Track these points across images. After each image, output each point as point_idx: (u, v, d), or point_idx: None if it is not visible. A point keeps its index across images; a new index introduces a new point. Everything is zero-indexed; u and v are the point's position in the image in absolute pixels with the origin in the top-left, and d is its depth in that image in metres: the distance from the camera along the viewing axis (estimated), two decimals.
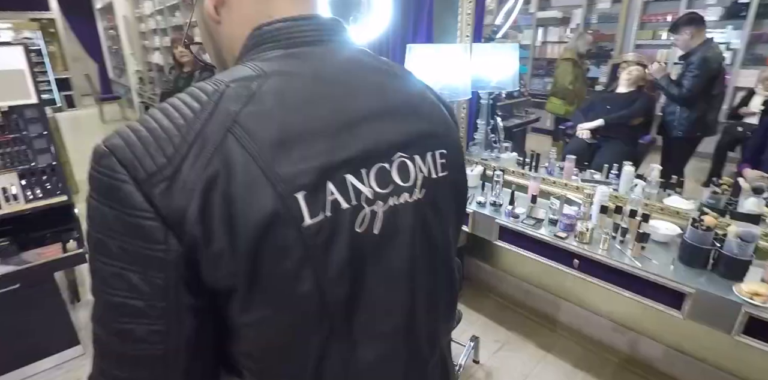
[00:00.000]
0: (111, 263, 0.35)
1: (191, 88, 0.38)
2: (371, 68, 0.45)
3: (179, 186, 0.34)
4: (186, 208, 0.34)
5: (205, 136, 0.35)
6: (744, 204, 1.54)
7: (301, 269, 0.37)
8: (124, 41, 6.69)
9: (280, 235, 0.36)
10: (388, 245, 0.42)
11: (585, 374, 1.79)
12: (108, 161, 0.34)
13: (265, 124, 0.36)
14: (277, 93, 0.38)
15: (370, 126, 0.41)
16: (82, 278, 2.35)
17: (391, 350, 0.45)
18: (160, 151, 0.34)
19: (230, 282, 0.36)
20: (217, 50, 0.48)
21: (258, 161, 0.35)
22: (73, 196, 1.74)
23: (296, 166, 0.36)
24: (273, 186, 0.35)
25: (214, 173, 0.34)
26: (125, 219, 0.34)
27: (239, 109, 0.36)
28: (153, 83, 6.38)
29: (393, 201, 0.41)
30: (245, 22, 0.43)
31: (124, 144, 0.35)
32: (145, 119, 0.36)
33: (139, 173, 0.34)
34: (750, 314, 1.14)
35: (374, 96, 0.43)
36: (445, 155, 0.46)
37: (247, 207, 0.34)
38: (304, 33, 0.42)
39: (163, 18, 5.21)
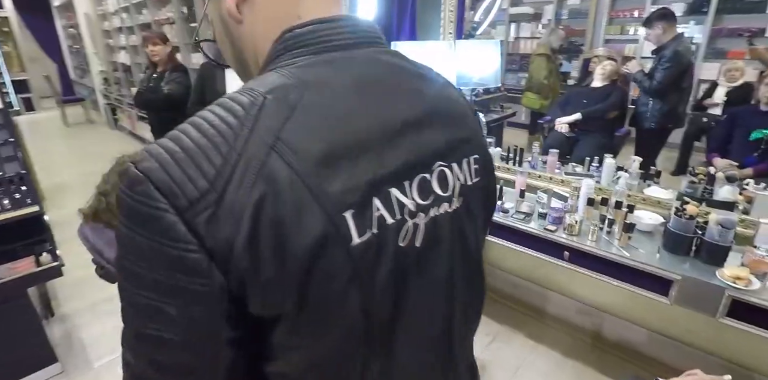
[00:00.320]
0: (146, 295, 0.32)
1: (223, 100, 0.35)
2: (407, 73, 0.43)
3: (225, 213, 0.31)
4: (233, 238, 0.31)
5: (248, 154, 0.32)
6: (719, 193, 1.61)
7: (349, 289, 0.35)
8: (87, 40, 6.37)
9: (330, 258, 0.34)
10: (429, 257, 0.41)
11: (574, 362, 1.84)
12: (144, 188, 0.31)
13: (309, 140, 0.33)
14: (318, 105, 0.35)
15: (411, 135, 0.39)
16: (54, 291, 2.24)
17: (430, 360, 0.45)
18: (201, 174, 0.31)
19: (276, 311, 0.34)
20: (236, 51, 0.44)
21: (305, 180, 0.32)
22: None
23: (344, 183, 0.34)
24: (321, 206, 0.33)
25: (260, 196, 0.31)
26: (165, 252, 0.31)
27: (281, 124, 0.33)
28: (119, 84, 6.11)
29: (434, 212, 0.40)
30: (271, 23, 0.40)
31: (159, 167, 0.31)
32: (178, 137, 0.33)
33: (180, 201, 0.30)
34: (733, 297, 1.19)
35: (413, 103, 0.41)
36: (478, 160, 0.46)
37: (296, 232, 0.32)
38: (339, 36, 0.39)
39: (129, 16, 4.99)
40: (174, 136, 0.33)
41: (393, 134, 0.38)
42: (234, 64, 0.47)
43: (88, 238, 0.63)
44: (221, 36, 0.45)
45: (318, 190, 0.33)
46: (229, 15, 0.41)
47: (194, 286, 0.31)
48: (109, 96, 6.25)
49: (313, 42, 0.38)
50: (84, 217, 0.67)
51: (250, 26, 0.41)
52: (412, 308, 0.40)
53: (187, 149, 0.32)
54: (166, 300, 0.32)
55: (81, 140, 5.95)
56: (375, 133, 0.37)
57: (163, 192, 0.31)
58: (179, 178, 0.31)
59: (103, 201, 0.65)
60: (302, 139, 0.33)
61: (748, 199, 1.60)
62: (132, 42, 5.16)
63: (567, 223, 1.54)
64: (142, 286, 0.32)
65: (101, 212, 0.65)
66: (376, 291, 0.37)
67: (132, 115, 5.42)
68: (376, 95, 0.39)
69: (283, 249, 0.32)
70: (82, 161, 4.84)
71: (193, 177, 0.31)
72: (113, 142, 5.72)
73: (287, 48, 0.39)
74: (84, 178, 4.16)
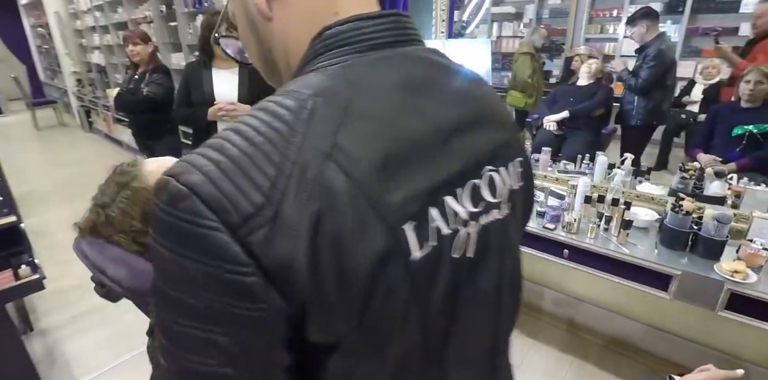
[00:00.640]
0: (195, 326, 0.29)
1: (265, 103, 0.32)
2: (453, 72, 0.41)
3: (282, 230, 0.27)
4: (292, 257, 0.27)
5: (303, 164, 0.28)
6: (710, 188, 1.65)
7: (408, 308, 0.33)
8: (57, 40, 6.11)
9: (391, 275, 0.31)
10: (480, 268, 0.39)
11: (573, 358, 1.86)
12: (189, 204, 0.27)
13: (367, 147, 0.31)
14: (370, 107, 0.32)
15: (462, 139, 0.37)
16: (32, 304, 2.12)
17: (480, 371, 0.43)
18: (254, 186, 0.27)
19: (335, 336, 0.31)
20: (264, 50, 0.40)
21: (365, 191, 0.29)
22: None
23: (403, 193, 0.31)
24: (382, 218, 0.30)
25: (317, 210, 0.28)
26: (217, 276, 0.27)
27: (336, 130, 0.30)
28: (94, 85, 5.89)
29: (484, 220, 0.38)
30: (305, 20, 0.37)
31: (206, 180, 0.27)
32: (221, 146, 0.29)
33: (232, 217, 0.27)
34: (732, 290, 1.22)
35: (461, 104, 0.39)
36: (522, 163, 0.44)
37: (357, 248, 0.29)
38: (383, 33, 0.36)
39: (102, 14, 4.80)
40: (216, 144, 0.29)
41: (445, 138, 0.36)
42: (260, 64, 0.43)
43: (87, 255, 0.58)
44: (246, 33, 0.41)
45: (378, 201, 0.30)
46: (258, 11, 0.38)
47: (251, 312, 0.28)
48: (83, 98, 6.01)
49: (356, 40, 0.35)
50: (80, 232, 0.61)
51: (281, 24, 0.38)
52: (463, 321, 0.38)
53: (235, 159, 0.28)
54: (219, 330, 0.28)
55: (53, 144, 5.72)
56: (428, 136, 0.34)
57: (213, 208, 0.27)
58: (230, 192, 0.27)
59: (102, 214, 0.60)
60: (359, 145, 0.30)
61: (737, 194, 1.64)
62: (106, 42, 4.97)
63: (565, 221, 1.54)
64: (190, 316, 0.29)
65: (100, 226, 0.60)
66: (433, 307, 0.34)
67: (108, 118, 5.23)
68: (426, 96, 0.36)
69: (345, 268, 0.29)
70: (56, 166, 4.64)
71: (245, 190, 0.27)
72: (88, 145, 5.53)
73: (328, 46, 0.35)
74: (58, 184, 3.98)
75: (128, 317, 0.67)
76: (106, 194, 0.60)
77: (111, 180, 0.62)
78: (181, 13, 3.33)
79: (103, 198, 0.60)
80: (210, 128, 1.98)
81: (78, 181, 4.02)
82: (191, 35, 3.35)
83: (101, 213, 0.59)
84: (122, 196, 0.60)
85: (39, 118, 6.38)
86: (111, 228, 0.59)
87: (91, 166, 4.54)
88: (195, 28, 3.28)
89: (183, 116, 2.03)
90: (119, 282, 0.54)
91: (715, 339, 1.63)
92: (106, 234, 0.59)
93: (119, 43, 4.51)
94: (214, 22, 1.85)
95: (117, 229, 0.59)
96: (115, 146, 5.29)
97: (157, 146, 2.49)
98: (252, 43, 0.41)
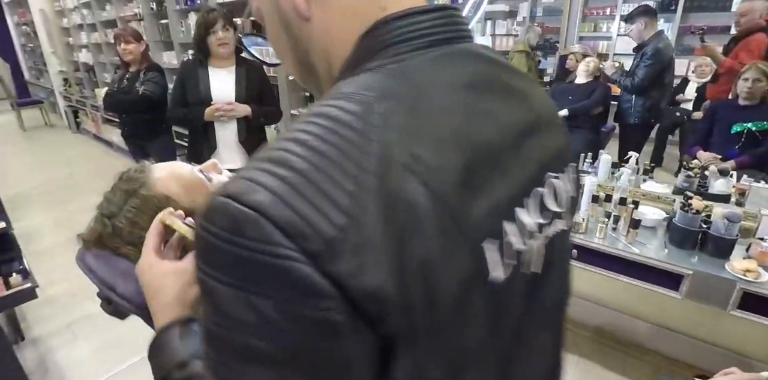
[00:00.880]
0: (269, 375, 0.25)
1: (322, 109, 0.28)
2: (510, 70, 0.37)
3: (369, 255, 0.23)
4: (381, 286, 0.24)
5: (382, 177, 0.25)
6: (714, 186, 1.64)
7: (484, 332, 0.30)
8: (43, 38, 5.95)
9: (472, 299, 0.28)
10: (545, 283, 0.36)
11: (579, 358, 1.85)
12: (258, 229, 0.23)
13: (444, 155, 0.27)
14: (441, 110, 0.29)
15: (530, 143, 0.34)
16: (23, 313, 2.04)
17: None
18: (333, 204, 0.23)
19: (421, 370, 0.28)
20: (301, 53, 0.36)
21: (447, 206, 0.26)
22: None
23: (483, 207, 0.28)
24: (465, 236, 0.27)
25: (401, 229, 0.24)
26: (298, 314, 0.23)
27: (410, 137, 0.27)
28: (81, 84, 5.75)
29: (549, 232, 0.35)
30: (349, 17, 0.33)
31: (276, 199, 0.23)
32: (283, 158, 0.25)
33: (312, 243, 0.23)
34: (744, 290, 1.21)
35: (525, 105, 0.36)
36: (574, 169, 0.41)
37: (445, 271, 0.26)
38: (440, 28, 0.32)
39: (90, 12, 4.68)
40: (276, 157, 0.25)
41: (516, 142, 0.32)
42: (295, 67, 0.38)
43: (93, 269, 0.53)
44: (278, 35, 0.36)
45: (461, 217, 0.27)
46: (296, 10, 0.33)
47: (338, 352, 0.24)
48: (71, 97, 5.86)
49: (415, 36, 0.31)
50: (85, 243, 0.56)
51: (321, 23, 0.33)
52: (529, 343, 0.35)
53: (304, 173, 0.24)
54: (299, 376, 0.24)
55: (40, 145, 5.58)
56: (501, 141, 0.31)
57: (288, 233, 0.23)
58: (306, 212, 0.23)
59: (108, 224, 0.55)
60: (436, 153, 0.27)
61: (741, 191, 1.64)
62: (94, 40, 4.85)
63: (573, 221, 1.53)
64: (262, 363, 0.24)
65: (106, 237, 0.55)
66: (505, 330, 0.32)
67: (97, 118, 5.10)
68: (493, 97, 0.33)
69: (434, 294, 0.25)
70: (43, 168, 4.52)
71: (323, 209, 0.23)
72: (76, 146, 5.41)
73: (383, 43, 0.31)
74: (45, 186, 3.88)
75: (122, 325, 0.64)
76: (113, 203, 0.55)
77: (117, 187, 0.57)
78: (172, 10, 3.26)
79: (109, 208, 0.55)
80: (207, 129, 1.92)
81: (66, 183, 3.91)
82: (183, 33, 3.28)
83: (107, 223, 0.54)
84: (130, 205, 0.55)
85: (25, 118, 6.22)
86: (118, 239, 0.54)
87: (80, 168, 4.43)
88: (187, 25, 3.20)
89: (179, 117, 1.97)
90: (130, 299, 0.50)
91: (726, 338, 1.62)
92: (113, 246, 0.54)
93: (108, 41, 4.40)
94: (210, 19, 1.80)
95: (125, 241, 0.54)
96: (104, 147, 5.18)
97: (151, 147, 2.43)
98: (285, 46, 0.37)
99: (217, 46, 1.83)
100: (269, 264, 0.23)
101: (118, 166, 0.61)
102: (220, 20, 1.80)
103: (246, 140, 1.96)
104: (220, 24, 1.80)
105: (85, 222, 0.58)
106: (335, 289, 0.23)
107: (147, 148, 2.44)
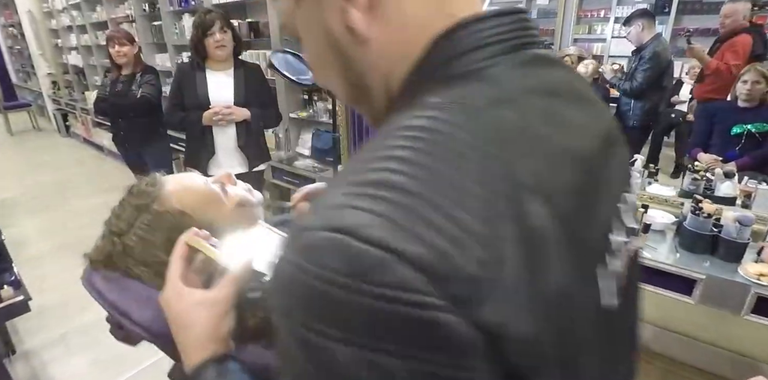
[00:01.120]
0: None
1: (416, 120, 0.24)
2: (580, 77, 0.35)
3: (514, 294, 0.20)
4: (528, 332, 0.20)
5: (508, 197, 0.21)
6: (720, 188, 1.64)
7: (598, 360, 0.27)
8: (31, 40, 5.83)
9: (596, 327, 0.26)
10: (628, 304, 0.34)
11: None
12: (391, 273, 0.18)
13: (559, 172, 0.24)
14: (541, 122, 0.26)
15: (611, 155, 0.31)
16: (14, 325, 1.97)
17: None
18: (465, 232, 0.19)
19: None
20: (352, 76, 0.31)
21: (570, 229, 0.23)
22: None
23: (593, 228, 0.26)
24: (586, 261, 0.25)
25: (536, 259, 0.21)
26: (434, 375, 0.19)
27: (525, 150, 0.23)
28: (71, 87, 5.64)
29: (629, 249, 0.33)
30: (412, 29, 0.28)
31: (404, 232, 0.19)
32: (389, 180, 0.21)
33: (455, 285, 0.19)
34: (759, 294, 1.19)
35: (600, 115, 0.33)
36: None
37: (578, 303, 0.23)
38: (516, 32, 0.29)
39: (80, 13, 4.59)
40: (383, 180, 0.21)
41: (600, 155, 0.30)
42: (344, 90, 0.33)
43: (103, 293, 0.48)
44: (323, 56, 0.32)
45: (581, 240, 0.24)
46: (350, 32, 0.28)
47: None
48: (60, 101, 5.75)
49: (498, 39, 0.28)
50: (92, 263, 0.52)
51: (381, 43, 0.29)
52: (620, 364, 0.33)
53: (424, 196, 0.20)
54: None
55: (28, 149, 5.45)
56: (590, 155, 0.28)
57: (428, 274, 0.18)
58: (442, 246, 0.19)
59: (118, 243, 0.50)
60: (552, 169, 0.24)
61: (746, 194, 1.64)
62: (84, 42, 4.76)
63: None
64: None
65: (117, 257, 0.50)
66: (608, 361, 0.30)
67: (87, 121, 5.00)
68: (575, 106, 0.30)
69: (572, 330, 0.23)
70: (32, 172, 4.41)
71: (459, 240, 0.19)
72: (65, 150, 5.30)
73: (463, 49, 0.27)
74: (35, 191, 3.78)
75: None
76: (122, 219, 0.51)
77: (127, 202, 0.52)
78: (166, 11, 3.20)
79: (118, 224, 0.51)
80: (205, 133, 1.88)
81: (55, 188, 3.81)
82: (177, 35, 3.22)
83: (117, 242, 0.50)
84: (142, 222, 0.50)
85: (12, 122, 6.08)
86: (130, 259, 0.49)
87: (70, 172, 4.33)
88: (181, 27, 3.15)
89: (176, 121, 1.92)
90: (148, 327, 0.45)
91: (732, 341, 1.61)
92: (124, 267, 0.50)
93: (99, 43, 4.32)
94: (207, 20, 1.76)
95: (137, 261, 0.50)
96: (94, 151, 5.07)
97: (147, 152, 2.36)
98: (332, 68, 0.32)
99: (214, 49, 1.78)
100: (407, 316, 0.18)
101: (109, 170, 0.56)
102: (218, 22, 1.75)
103: (245, 145, 1.92)
104: (218, 25, 1.75)
105: (76, 229, 0.53)
106: (484, 343, 0.19)
107: (143, 153, 2.37)
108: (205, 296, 0.41)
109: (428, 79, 0.28)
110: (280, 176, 2.66)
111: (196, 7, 2.87)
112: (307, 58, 0.34)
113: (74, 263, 0.55)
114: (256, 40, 2.64)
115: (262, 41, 2.61)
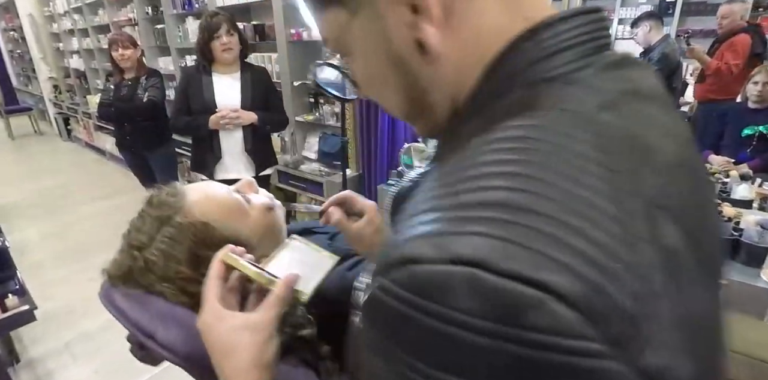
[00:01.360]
0: None
1: (513, 131, 0.22)
2: (658, 75, 0.32)
3: (669, 332, 0.17)
4: (690, 375, 0.18)
5: (646, 217, 0.19)
6: (737, 191, 1.61)
7: None
8: (32, 44, 5.82)
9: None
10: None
11: None
12: (548, 316, 0.15)
13: (679, 183, 0.23)
14: (650, 130, 0.24)
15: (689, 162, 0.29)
16: (18, 333, 1.93)
17: None
18: (614, 260, 0.17)
19: None
20: (414, 93, 0.28)
21: (698, 248, 0.21)
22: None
23: (713, 244, 0.24)
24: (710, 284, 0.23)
25: (675, 287, 0.19)
26: None
27: (643, 164, 0.21)
28: (72, 91, 5.62)
29: None
30: (485, 37, 0.26)
31: (551, 263, 0.16)
32: (507, 200, 0.18)
33: (615, 325, 0.16)
34: None
35: (680, 116, 0.31)
36: None
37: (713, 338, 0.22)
38: (597, 32, 0.27)
39: (81, 17, 4.57)
40: (501, 200, 0.18)
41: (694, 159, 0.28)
42: (401, 107, 0.31)
43: (125, 311, 0.45)
44: (381, 73, 0.29)
45: (704, 258, 0.22)
46: (418, 47, 0.26)
47: None
48: (61, 104, 5.73)
49: (582, 40, 0.25)
50: (111, 280, 0.48)
51: (454, 56, 0.26)
52: None
53: (560, 217, 0.17)
54: None
55: (30, 154, 5.44)
56: (689, 162, 0.27)
57: (588, 316, 0.16)
58: (593, 278, 0.16)
59: (140, 258, 0.47)
60: (672, 181, 0.22)
61: (763, 197, 1.61)
62: (86, 45, 4.74)
63: None
64: None
65: (138, 273, 0.47)
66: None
67: (89, 125, 4.98)
68: (666, 110, 0.28)
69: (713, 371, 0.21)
70: (34, 177, 4.38)
71: (612, 270, 0.16)
72: (67, 154, 5.28)
73: (549, 50, 0.25)
74: (37, 196, 3.75)
75: (123, 344, 0.57)
76: (143, 232, 0.47)
77: (147, 214, 0.49)
78: (169, 14, 3.18)
79: (138, 238, 0.47)
80: (212, 137, 1.85)
81: (58, 193, 3.79)
82: (180, 38, 3.20)
83: (137, 256, 0.46)
84: (163, 235, 0.47)
85: (13, 126, 6.06)
86: (152, 275, 0.46)
87: (72, 176, 4.30)
88: (185, 30, 3.13)
89: (182, 125, 1.89)
90: (174, 349, 0.42)
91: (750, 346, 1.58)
92: (146, 283, 0.47)
93: (101, 47, 4.30)
94: (214, 23, 1.73)
95: (159, 277, 0.46)
96: (96, 155, 5.05)
97: (153, 157, 2.33)
98: (388, 85, 0.29)
99: (221, 52, 1.76)
100: (562, 365, 0.15)
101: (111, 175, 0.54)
102: (224, 24, 1.73)
103: (252, 149, 1.89)
104: (225, 28, 1.73)
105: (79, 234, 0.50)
106: None
107: (148, 157, 2.34)
108: (248, 319, 0.38)
109: (507, 85, 0.25)
110: (286, 180, 2.63)
111: (199, 10, 2.85)
112: (357, 74, 0.31)
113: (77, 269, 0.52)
114: (261, 42, 2.62)
115: (267, 44, 2.59)
